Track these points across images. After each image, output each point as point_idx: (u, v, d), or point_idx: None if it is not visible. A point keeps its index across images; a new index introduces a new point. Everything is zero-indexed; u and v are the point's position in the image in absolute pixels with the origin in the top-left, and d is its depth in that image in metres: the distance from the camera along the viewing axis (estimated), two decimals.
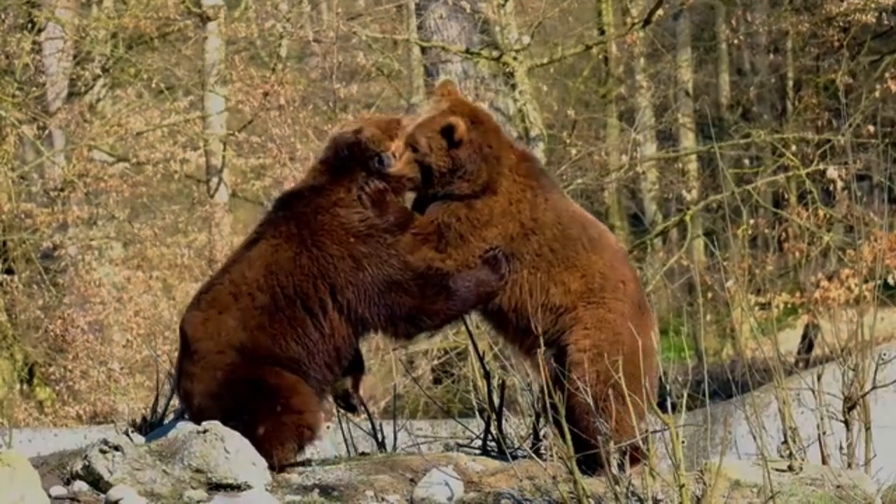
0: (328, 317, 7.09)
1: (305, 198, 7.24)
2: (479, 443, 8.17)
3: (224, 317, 7.09)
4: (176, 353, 8.90)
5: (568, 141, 22.64)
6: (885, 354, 7.80)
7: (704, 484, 6.46)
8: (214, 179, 24.17)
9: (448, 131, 7.16)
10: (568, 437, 6.50)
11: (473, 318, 7.63)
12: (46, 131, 23.67)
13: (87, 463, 6.77)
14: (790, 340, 23.91)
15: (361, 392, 7.54)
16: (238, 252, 7.36)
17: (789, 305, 22.27)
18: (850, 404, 7.60)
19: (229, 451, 6.73)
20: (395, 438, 8.80)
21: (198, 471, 6.74)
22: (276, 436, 7.00)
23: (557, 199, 7.36)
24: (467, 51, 20.61)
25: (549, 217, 7.26)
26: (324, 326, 7.09)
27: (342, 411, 8.87)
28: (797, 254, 21.47)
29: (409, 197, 7.46)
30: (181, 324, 7.29)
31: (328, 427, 12.29)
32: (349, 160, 7.24)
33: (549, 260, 7.20)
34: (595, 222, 7.45)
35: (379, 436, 8.65)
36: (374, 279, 7.07)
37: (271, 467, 6.91)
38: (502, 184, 7.24)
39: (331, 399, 7.46)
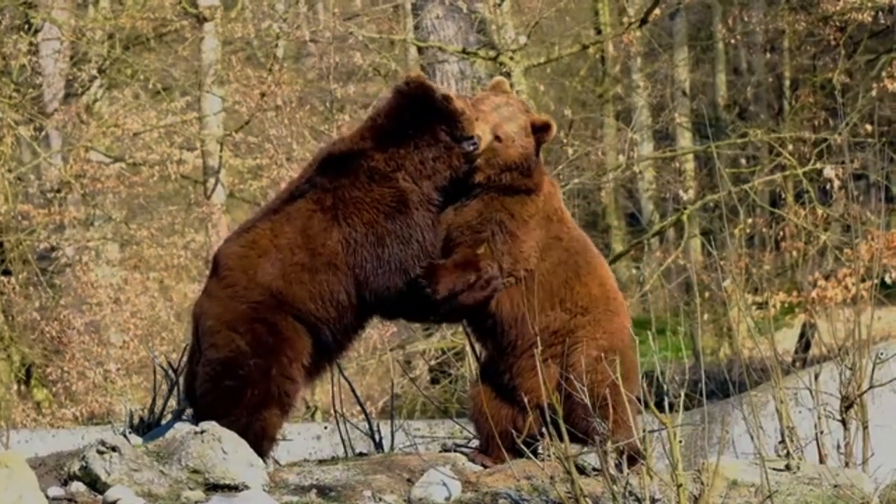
0: (353, 287, 7.19)
1: (347, 165, 7.26)
2: (476, 443, 8.17)
3: (262, 260, 7.18)
4: (173, 355, 8.91)
5: (565, 140, 22.61)
6: (882, 353, 7.80)
7: (702, 483, 6.46)
8: (211, 180, 24.16)
9: (543, 129, 7.28)
10: (566, 436, 6.50)
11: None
12: (43, 132, 23.67)
13: (84, 464, 6.76)
14: (787, 340, 23.88)
15: None
16: (280, 200, 7.42)
17: (786, 304, 22.25)
18: (847, 403, 7.59)
19: (227, 451, 6.73)
20: (393, 438, 8.80)
21: (195, 471, 6.74)
22: (262, 404, 7.06)
23: None
24: (464, 51, 20.60)
25: (568, 215, 7.46)
26: (351, 295, 7.19)
27: (338, 412, 8.89)
28: (794, 253, 21.46)
29: None
30: (216, 253, 7.39)
31: (326, 428, 12.30)
32: (418, 124, 7.23)
33: (576, 259, 7.32)
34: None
35: (376, 436, 8.65)
36: (392, 256, 7.17)
37: (256, 442, 6.93)
38: (544, 185, 7.36)
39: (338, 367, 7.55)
